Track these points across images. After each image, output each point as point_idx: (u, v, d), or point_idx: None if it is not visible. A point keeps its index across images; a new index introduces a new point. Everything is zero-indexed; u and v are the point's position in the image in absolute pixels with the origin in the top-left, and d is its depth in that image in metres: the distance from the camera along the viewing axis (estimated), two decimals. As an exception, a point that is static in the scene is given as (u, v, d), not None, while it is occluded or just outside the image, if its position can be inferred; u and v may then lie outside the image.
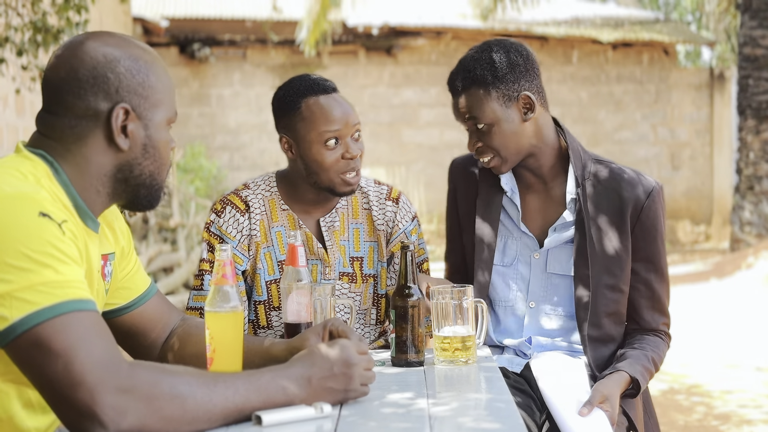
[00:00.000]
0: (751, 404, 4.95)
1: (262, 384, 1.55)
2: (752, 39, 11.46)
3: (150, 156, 1.65)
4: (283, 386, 1.56)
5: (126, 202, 1.70)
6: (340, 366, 1.63)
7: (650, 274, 2.35)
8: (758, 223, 11.39)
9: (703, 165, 14.88)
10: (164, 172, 1.70)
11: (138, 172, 1.65)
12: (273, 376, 1.57)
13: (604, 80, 14.55)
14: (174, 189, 8.36)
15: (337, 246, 2.45)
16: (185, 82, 13.20)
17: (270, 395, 1.55)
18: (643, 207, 2.33)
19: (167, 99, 1.67)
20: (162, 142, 1.66)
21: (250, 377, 1.55)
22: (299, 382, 1.58)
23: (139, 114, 1.62)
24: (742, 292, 8.98)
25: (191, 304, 2.41)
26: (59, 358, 1.38)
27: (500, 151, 2.30)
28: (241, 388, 1.52)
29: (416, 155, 13.91)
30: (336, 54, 13.67)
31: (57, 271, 1.42)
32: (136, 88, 1.61)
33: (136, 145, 1.63)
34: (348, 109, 2.36)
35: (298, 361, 1.63)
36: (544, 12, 14.43)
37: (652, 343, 2.34)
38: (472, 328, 2.06)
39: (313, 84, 2.37)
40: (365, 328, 2.51)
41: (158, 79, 1.65)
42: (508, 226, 2.41)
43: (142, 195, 1.69)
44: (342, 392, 1.63)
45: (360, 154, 2.37)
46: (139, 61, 1.63)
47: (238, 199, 2.44)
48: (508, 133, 2.29)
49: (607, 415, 2.08)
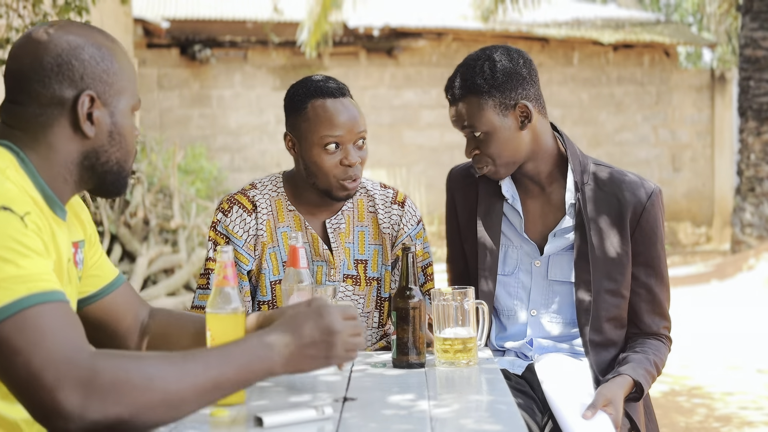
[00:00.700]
0: (752, 406, 4.95)
1: (236, 354, 1.49)
2: (753, 40, 11.46)
3: (116, 143, 1.64)
4: (259, 355, 1.51)
5: (93, 189, 1.69)
6: (321, 333, 1.57)
7: (650, 278, 2.35)
8: (759, 224, 11.39)
9: (704, 166, 14.87)
10: (130, 159, 1.69)
11: (105, 159, 1.64)
12: (249, 345, 1.52)
13: (605, 82, 14.55)
14: (175, 190, 8.36)
15: (342, 248, 2.45)
16: (186, 83, 13.21)
17: (246, 365, 1.50)
18: (643, 211, 2.32)
19: (131, 86, 1.66)
20: (127, 128, 1.66)
21: (224, 349, 1.50)
22: (278, 350, 1.53)
23: (104, 101, 1.62)
24: (743, 293, 8.97)
25: (196, 302, 2.42)
26: (18, 357, 1.36)
27: (496, 159, 2.29)
28: (213, 362, 1.47)
29: (417, 157, 13.91)
30: (337, 55, 13.68)
31: (18, 266, 1.40)
32: (100, 75, 1.61)
33: (102, 132, 1.62)
34: (354, 115, 2.34)
35: (278, 327, 1.57)
36: (544, 13, 14.43)
37: (653, 346, 2.33)
38: (473, 329, 2.06)
39: (323, 86, 2.36)
40: (367, 331, 2.50)
41: (121, 66, 1.65)
42: (508, 234, 2.40)
43: (110, 182, 1.68)
44: (323, 359, 1.58)
45: (360, 161, 2.35)
46: (103, 48, 1.63)
47: (245, 198, 2.44)
48: (505, 141, 2.28)
49: (611, 419, 2.08)
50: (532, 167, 2.35)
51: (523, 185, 2.40)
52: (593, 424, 2.06)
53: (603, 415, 2.08)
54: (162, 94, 13.07)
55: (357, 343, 1.62)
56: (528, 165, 2.34)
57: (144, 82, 12.66)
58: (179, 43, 13.03)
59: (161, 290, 7.68)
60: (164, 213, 8.22)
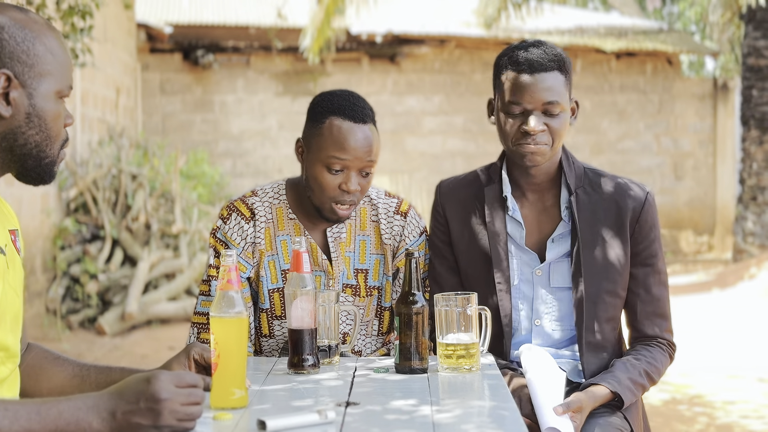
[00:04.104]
0: (753, 415, 4.95)
1: (52, 415, 1.44)
2: (756, 49, 11.46)
3: (35, 126, 1.63)
4: (79, 418, 1.46)
5: (17, 173, 1.68)
6: (147, 400, 1.49)
7: (649, 277, 2.36)
8: (761, 233, 11.38)
9: (706, 175, 14.86)
10: (53, 145, 1.67)
11: (23, 142, 1.63)
12: (72, 406, 1.47)
13: (608, 89, 14.55)
14: (177, 195, 8.36)
15: (342, 258, 2.44)
16: (188, 89, 13.21)
17: (60, 428, 1.44)
18: (641, 212, 2.35)
19: (57, 71, 1.65)
20: (49, 113, 1.64)
21: (42, 406, 1.45)
22: (102, 416, 1.47)
23: (22, 81, 1.61)
24: (745, 302, 8.96)
25: (199, 309, 2.41)
26: None
27: (555, 140, 2.29)
28: (23, 418, 1.41)
29: (419, 163, 13.91)
30: (339, 61, 13.68)
31: None
32: (19, 56, 1.60)
33: (19, 113, 1.61)
34: (368, 143, 2.31)
35: (108, 392, 1.52)
36: (547, 21, 14.44)
37: (648, 355, 2.33)
38: (476, 335, 2.06)
39: (346, 106, 2.33)
40: (366, 339, 2.50)
41: (47, 49, 1.63)
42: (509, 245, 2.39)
43: (30, 166, 1.66)
44: (151, 428, 1.49)
45: (360, 190, 2.34)
46: (26, 29, 1.62)
47: (244, 206, 2.43)
48: (566, 124, 2.31)
49: (574, 425, 2.09)
50: (545, 167, 2.35)
51: (522, 192, 2.39)
52: (558, 420, 2.06)
53: (567, 420, 2.08)
54: (164, 99, 13.07)
55: (190, 412, 1.52)
56: (545, 165, 2.35)
57: (147, 87, 12.67)
58: (182, 48, 13.04)
59: (162, 295, 7.68)
60: (166, 218, 8.22)
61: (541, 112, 2.27)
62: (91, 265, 7.39)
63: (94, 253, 7.51)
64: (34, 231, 7.08)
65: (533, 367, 2.19)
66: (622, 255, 2.33)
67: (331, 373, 2.06)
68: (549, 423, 2.04)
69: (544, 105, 2.26)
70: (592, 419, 2.19)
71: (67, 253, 7.51)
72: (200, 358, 1.85)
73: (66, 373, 1.84)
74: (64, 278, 7.47)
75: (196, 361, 1.86)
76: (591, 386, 2.21)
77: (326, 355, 2.15)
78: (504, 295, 2.34)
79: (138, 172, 8.30)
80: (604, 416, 2.20)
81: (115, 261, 7.62)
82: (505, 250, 2.36)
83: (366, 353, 2.50)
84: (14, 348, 1.70)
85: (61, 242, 7.53)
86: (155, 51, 12.96)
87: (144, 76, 12.47)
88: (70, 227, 7.56)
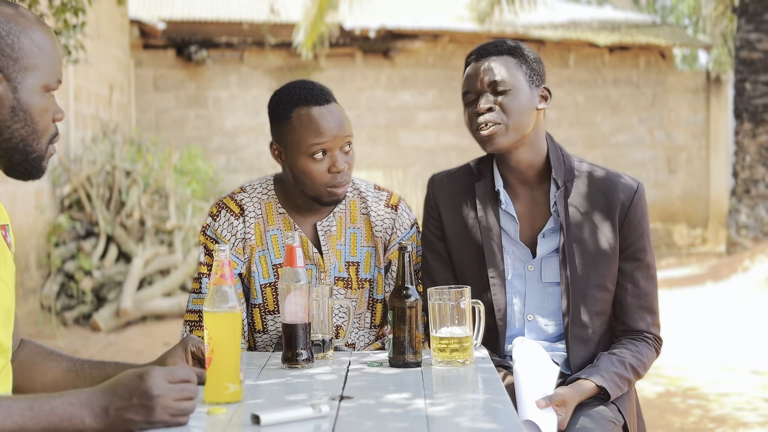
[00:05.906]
0: (747, 407, 4.96)
1: (45, 411, 1.44)
2: (748, 42, 11.48)
3: (20, 120, 1.62)
4: (72, 414, 1.46)
5: (4, 168, 1.67)
6: (140, 397, 1.49)
7: (637, 271, 2.36)
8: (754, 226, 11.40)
9: (700, 168, 14.89)
10: (40, 140, 1.66)
11: (8, 136, 1.62)
12: (65, 401, 1.47)
13: (601, 83, 14.57)
14: (171, 191, 8.35)
15: (333, 250, 2.45)
16: (182, 85, 13.19)
17: (53, 423, 1.44)
18: (631, 205, 2.35)
19: (44, 65, 1.64)
20: (35, 107, 1.63)
21: (35, 402, 1.45)
22: (95, 411, 1.48)
23: (6, 75, 1.60)
24: (739, 295, 8.98)
25: (190, 306, 2.41)
26: None
27: (511, 119, 2.28)
28: (16, 414, 1.42)
29: (413, 158, 13.91)
30: (333, 57, 13.67)
31: None
32: (3, 49, 1.59)
33: (3, 106, 1.61)
34: (339, 121, 2.33)
35: (100, 388, 1.52)
36: (540, 15, 14.44)
37: (633, 349, 2.33)
38: (469, 329, 2.07)
39: (305, 94, 2.34)
40: (359, 332, 2.51)
41: (33, 43, 1.62)
42: (503, 239, 2.40)
43: (17, 161, 1.65)
44: (144, 423, 1.50)
45: (348, 166, 2.35)
46: (11, 23, 1.61)
47: (233, 202, 2.44)
48: (523, 105, 2.30)
49: (558, 419, 2.09)
50: (526, 158, 2.34)
51: (512, 188, 2.39)
52: (542, 414, 2.07)
53: (552, 413, 2.09)
54: (158, 95, 13.05)
55: (183, 407, 1.53)
56: (523, 154, 2.34)
57: (140, 83, 12.65)
58: (175, 44, 13.02)
59: (157, 291, 7.68)
60: (160, 214, 8.21)
61: (490, 93, 2.30)
62: (86, 262, 7.38)
63: (88, 250, 7.51)
64: (28, 228, 7.07)
65: (522, 360, 2.20)
66: (610, 248, 2.33)
67: (325, 367, 2.07)
68: (526, 415, 2.04)
69: (489, 85, 2.30)
70: (585, 411, 2.19)
71: (61, 249, 7.50)
72: (197, 350, 1.86)
73: (60, 369, 1.84)
74: (59, 275, 7.47)
75: (193, 354, 1.86)
76: (577, 380, 2.22)
77: (320, 350, 2.16)
78: (498, 289, 2.35)
79: (132, 169, 8.29)
80: (596, 408, 2.20)
81: (110, 257, 7.62)
82: (498, 244, 2.36)
83: (359, 346, 2.50)
84: (6, 343, 1.70)
85: (55, 239, 7.52)
86: (148, 47, 12.94)
87: (137, 73, 12.45)
88: (65, 224, 7.56)
